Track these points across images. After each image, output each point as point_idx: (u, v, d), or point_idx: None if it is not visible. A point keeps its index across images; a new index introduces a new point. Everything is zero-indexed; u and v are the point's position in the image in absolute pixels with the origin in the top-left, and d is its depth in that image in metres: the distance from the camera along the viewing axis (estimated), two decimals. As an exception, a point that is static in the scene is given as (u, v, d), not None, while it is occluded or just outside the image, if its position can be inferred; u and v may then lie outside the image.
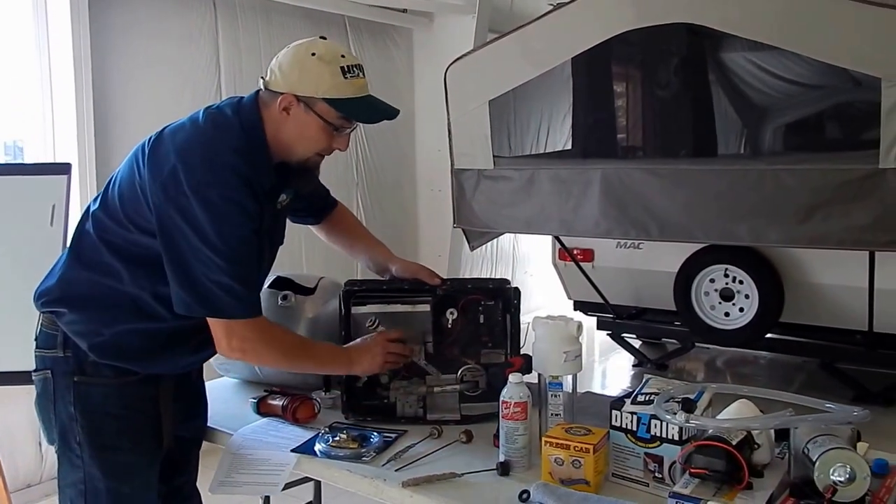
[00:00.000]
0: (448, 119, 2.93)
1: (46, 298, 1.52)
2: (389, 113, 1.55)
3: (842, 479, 1.10)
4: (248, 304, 1.48)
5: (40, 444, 3.02)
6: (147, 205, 1.44)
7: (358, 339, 1.69)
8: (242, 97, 1.54)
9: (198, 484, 1.75)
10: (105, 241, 1.49)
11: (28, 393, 1.55)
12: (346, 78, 1.47)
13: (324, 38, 1.54)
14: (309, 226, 1.91)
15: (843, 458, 1.11)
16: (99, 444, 1.48)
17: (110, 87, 3.27)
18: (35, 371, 1.53)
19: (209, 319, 1.47)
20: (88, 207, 1.57)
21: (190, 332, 1.53)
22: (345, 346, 1.69)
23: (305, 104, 1.47)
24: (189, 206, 1.39)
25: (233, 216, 1.42)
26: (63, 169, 2.37)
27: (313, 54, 1.47)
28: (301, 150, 1.53)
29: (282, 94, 1.47)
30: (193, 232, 1.40)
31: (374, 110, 1.54)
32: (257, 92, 1.53)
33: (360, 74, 1.51)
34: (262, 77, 1.52)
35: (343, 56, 1.49)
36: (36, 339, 1.54)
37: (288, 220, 1.76)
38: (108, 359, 1.48)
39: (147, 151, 1.47)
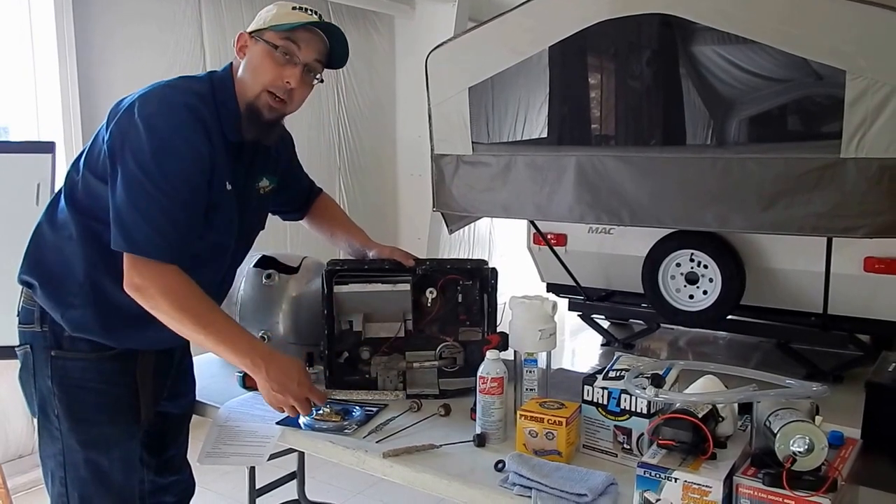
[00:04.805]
0: (428, 105, 2.95)
1: (22, 271, 1.52)
2: (334, 32, 1.53)
3: (801, 449, 1.13)
4: (165, 247, 1.39)
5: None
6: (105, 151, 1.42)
7: (278, 352, 1.53)
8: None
9: (188, 456, 1.78)
10: (72, 200, 1.48)
11: (17, 367, 1.56)
12: (293, 10, 1.50)
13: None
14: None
15: (803, 430, 1.15)
16: (76, 416, 1.49)
17: (95, 70, 3.24)
18: (18, 346, 1.54)
19: (124, 253, 1.40)
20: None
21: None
22: (264, 346, 1.55)
23: (256, 38, 1.50)
24: (136, 135, 1.38)
25: (179, 151, 1.39)
26: (47, 147, 2.36)
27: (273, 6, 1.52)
28: (252, 84, 1.50)
29: None
30: (133, 157, 1.37)
31: (315, 24, 1.50)
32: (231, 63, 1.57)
33: (314, 15, 1.51)
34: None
35: (302, 6, 1.51)
36: (18, 315, 1.55)
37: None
38: (81, 332, 1.48)
39: (111, 109, 1.48)
